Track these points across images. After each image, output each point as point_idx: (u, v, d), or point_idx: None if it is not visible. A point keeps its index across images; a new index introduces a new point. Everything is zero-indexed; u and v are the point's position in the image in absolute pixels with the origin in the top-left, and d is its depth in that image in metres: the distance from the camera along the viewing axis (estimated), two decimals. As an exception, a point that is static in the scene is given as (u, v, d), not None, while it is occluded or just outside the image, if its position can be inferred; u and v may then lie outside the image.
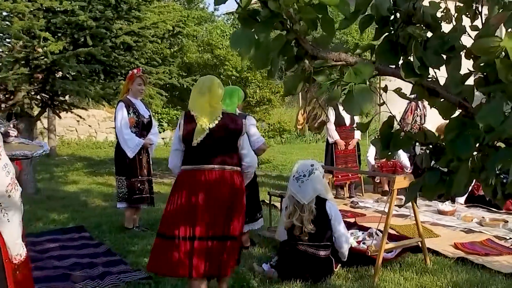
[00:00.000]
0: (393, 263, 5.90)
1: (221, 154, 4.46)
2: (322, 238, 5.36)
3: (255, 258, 6.15)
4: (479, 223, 7.77)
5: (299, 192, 5.33)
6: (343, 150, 9.85)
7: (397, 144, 1.89)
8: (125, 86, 7.45)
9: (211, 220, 4.36)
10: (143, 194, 7.43)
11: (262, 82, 11.38)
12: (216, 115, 4.43)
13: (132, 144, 7.21)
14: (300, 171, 5.45)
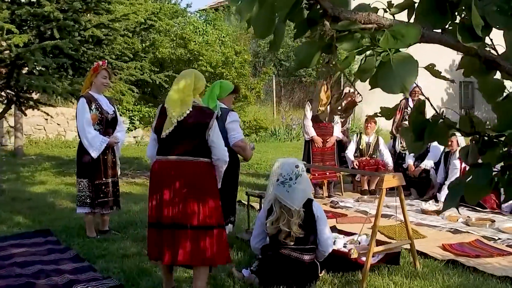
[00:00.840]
0: (381, 267, 5.56)
1: (188, 146, 4.58)
2: (307, 242, 5.00)
3: (234, 263, 5.77)
4: (465, 223, 7.51)
5: (288, 198, 4.92)
6: (321, 148, 9.53)
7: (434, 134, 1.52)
8: (88, 79, 6.90)
9: (174, 209, 4.52)
10: (107, 197, 6.92)
11: (237, 79, 11.01)
12: (186, 108, 4.55)
13: (96, 143, 6.71)
14: (285, 174, 5.03)
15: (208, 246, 4.54)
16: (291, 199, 4.92)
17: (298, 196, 4.95)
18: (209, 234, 4.55)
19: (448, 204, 1.70)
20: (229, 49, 11.37)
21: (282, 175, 5.03)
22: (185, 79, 4.63)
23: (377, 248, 5.25)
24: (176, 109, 4.55)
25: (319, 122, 9.51)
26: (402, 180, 5.37)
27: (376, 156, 10.26)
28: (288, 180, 4.98)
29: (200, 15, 24.38)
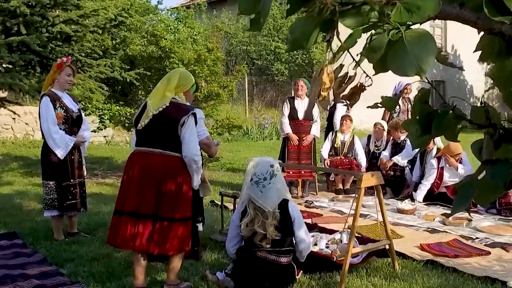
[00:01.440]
0: (359, 268, 5.43)
1: (161, 139, 4.73)
2: (284, 244, 4.83)
3: (208, 266, 5.59)
4: (442, 222, 7.42)
5: (262, 199, 4.74)
6: (297, 146, 9.38)
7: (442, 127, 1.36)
8: (51, 76, 6.58)
9: (141, 199, 4.67)
10: (75, 199, 6.68)
11: (210, 76, 10.80)
12: (164, 103, 4.73)
13: (63, 143, 6.45)
14: (259, 174, 4.84)
15: (169, 238, 4.68)
16: (264, 200, 4.74)
17: (272, 196, 4.77)
18: (171, 226, 4.69)
19: (458, 207, 1.53)
20: (201, 46, 11.15)
21: (256, 175, 4.85)
22: (170, 76, 4.87)
23: (355, 249, 5.10)
24: (154, 103, 4.73)
25: (295, 120, 9.38)
26: (381, 179, 5.24)
27: (351, 155, 10.13)
28: (262, 180, 4.80)
29: (172, 13, 24.13)
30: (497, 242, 6.41)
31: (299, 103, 9.43)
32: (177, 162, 4.74)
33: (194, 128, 4.76)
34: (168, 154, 4.72)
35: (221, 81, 11.08)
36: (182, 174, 4.75)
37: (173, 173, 4.73)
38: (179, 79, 4.84)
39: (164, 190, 4.68)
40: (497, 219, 7.68)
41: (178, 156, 4.74)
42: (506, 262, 5.71)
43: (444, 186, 8.82)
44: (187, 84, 4.93)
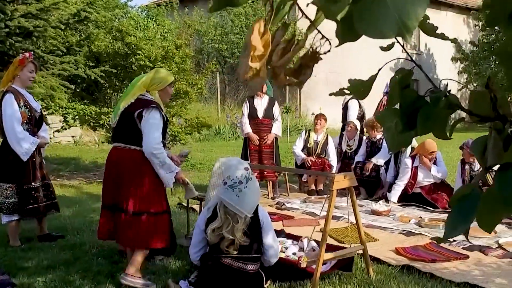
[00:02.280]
0: (332, 275, 5.13)
1: (124, 133, 4.86)
2: (251, 250, 4.50)
3: (170, 273, 5.25)
4: (418, 224, 7.16)
5: (239, 204, 4.39)
6: (258, 146, 9.06)
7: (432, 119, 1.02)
8: (11, 72, 6.15)
9: (110, 192, 4.92)
10: (38, 203, 6.27)
11: (178, 74, 10.42)
12: (129, 100, 4.82)
13: (27, 145, 6.05)
14: (234, 178, 4.49)
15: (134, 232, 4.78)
16: (241, 205, 4.39)
17: (249, 201, 4.44)
18: (137, 220, 4.77)
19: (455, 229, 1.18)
20: (169, 42, 10.79)
21: (231, 178, 4.49)
22: (146, 75, 5.05)
23: (327, 255, 4.80)
24: (124, 99, 4.88)
25: (255, 119, 9.08)
26: (354, 181, 4.95)
27: (324, 155, 9.85)
28: (238, 184, 4.45)
29: (142, 10, 23.68)
30: (475, 245, 6.14)
31: (258, 102, 9.14)
32: (140, 156, 4.77)
33: (155, 122, 4.74)
34: (131, 148, 4.82)
35: (190, 78, 10.72)
36: (146, 168, 4.80)
37: (137, 167, 4.80)
38: (152, 78, 4.87)
39: (128, 183, 4.77)
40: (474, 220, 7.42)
41: (137, 149, 4.79)
42: (485, 266, 5.45)
43: (418, 187, 8.57)
44: (162, 83, 4.91)
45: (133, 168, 4.79)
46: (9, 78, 6.16)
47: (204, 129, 11.42)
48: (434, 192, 8.48)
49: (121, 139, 4.90)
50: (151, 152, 4.71)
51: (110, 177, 4.93)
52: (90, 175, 11.88)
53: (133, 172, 4.79)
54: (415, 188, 8.56)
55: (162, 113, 4.82)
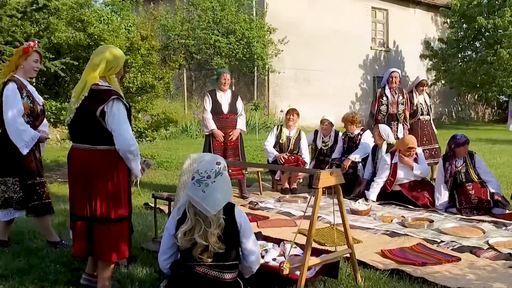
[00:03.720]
0: (317, 282, 4.66)
1: (87, 133, 4.30)
2: (228, 257, 4.00)
3: (137, 282, 4.73)
4: (402, 224, 6.76)
5: (204, 201, 3.89)
6: (223, 142, 8.53)
7: None
8: (13, 62, 5.70)
9: (80, 200, 4.33)
10: (43, 200, 5.83)
11: (144, 67, 9.88)
12: (83, 93, 4.24)
13: (28, 138, 5.58)
14: (203, 172, 3.99)
15: (101, 239, 4.30)
16: (206, 202, 3.89)
17: (216, 198, 3.93)
18: (104, 227, 4.31)
19: None
20: (134, 33, 10.24)
21: (199, 172, 3.99)
22: (95, 59, 4.30)
23: (312, 261, 4.33)
24: (76, 94, 4.30)
25: (219, 114, 8.54)
26: (341, 178, 4.49)
27: (297, 152, 9.41)
28: (206, 178, 3.95)
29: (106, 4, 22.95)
30: (465, 246, 5.76)
31: (222, 96, 8.59)
32: (108, 156, 4.30)
33: (122, 116, 4.26)
34: (99, 148, 4.29)
35: (157, 72, 10.16)
36: (114, 169, 4.33)
37: (108, 169, 4.31)
38: (109, 61, 4.28)
39: (95, 188, 4.27)
40: (458, 219, 7.07)
41: (109, 148, 4.29)
42: (479, 269, 5.04)
43: (398, 184, 8.17)
44: (120, 64, 4.41)
45: (105, 171, 4.29)
46: (12, 68, 5.70)
47: (171, 126, 10.85)
48: (415, 189, 8.09)
49: (85, 139, 4.33)
50: (128, 150, 4.30)
51: (78, 183, 4.36)
52: (51, 174, 11.23)
53: (105, 174, 4.29)
54: (394, 186, 8.15)
55: (123, 101, 4.32)
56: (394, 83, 9.52)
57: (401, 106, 9.52)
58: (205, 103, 8.64)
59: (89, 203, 4.30)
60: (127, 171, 4.42)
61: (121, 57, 4.43)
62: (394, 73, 9.66)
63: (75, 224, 4.39)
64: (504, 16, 24.61)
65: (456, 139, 7.72)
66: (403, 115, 9.56)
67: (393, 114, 9.49)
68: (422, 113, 9.84)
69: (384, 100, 9.54)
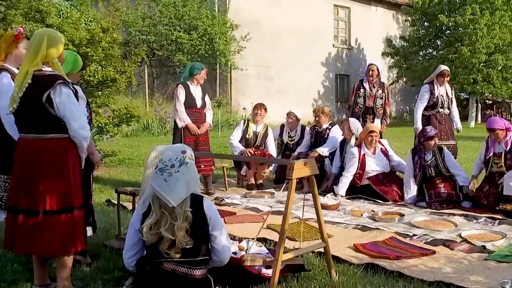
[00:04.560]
0: (288, 278, 4.47)
1: (33, 122, 4.06)
2: (198, 252, 3.78)
3: (100, 280, 4.48)
4: (372, 218, 6.62)
5: (166, 190, 3.67)
6: (194, 137, 8.27)
7: None
8: (3, 49, 5.20)
9: (23, 192, 4.07)
10: None
11: (105, 60, 9.56)
12: (26, 80, 4.01)
13: None
14: (166, 160, 3.77)
15: (57, 233, 4.03)
16: (168, 192, 3.66)
17: (178, 188, 3.70)
18: (58, 220, 4.04)
19: None
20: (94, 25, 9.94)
21: (163, 161, 3.77)
22: (34, 45, 4.07)
23: (286, 256, 4.13)
24: (18, 83, 4.05)
25: (193, 108, 8.25)
26: (315, 169, 4.30)
27: (263, 147, 9.22)
28: (169, 167, 3.73)
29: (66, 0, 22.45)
30: (438, 239, 5.65)
31: (195, 90, 8.32)
32: (58, 145, 4.08)
33: (72, 101, 4.06)
34: (49, 137, 4.05)
35: (118, 65, 9.85)
36: (65, 158, 4.10)
37: (59, 158, 4.07)
38: (48, 45, 4.05)
39: (43, 179, 4.01)
40: (428, 212, 6.97)
41: (59, 136, 4.07)
42: (454, 262, 4.92)
43: (366, 178, 8.05)
44: (60, 45, 4.14)
45: (55, 160, 4.04)
46: (1, 57, 5.27)
47: (133, 122, 10.54)
48: (383, 183, 7.97)
49: (32, 128, 4.08)
50: (84, 137, 4.13)
51: (24, 175, 4.10)
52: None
53: (54, 164, 4.04)
54: (363, 180, 8.03)
55: (70, 86, 4.08)
56: (371, 76, 9.34)
57: (379, 100, 9.31)
58: (179, 94, 8.21)
59: (39, 195, 4.02)
60: (78, 160, 4.21)
61: (60, 38, 4.19)
62: (371, 66, 9.48)
63: (16, 218, 4.07)
64: (465, 14, 24.86)
65: (426, 133, 7.64)
66: (381, 110, 9.36)
67: (369, 107, 9.30)
68: (442, 105, 8.93)
69: (361, 93, 9.37)
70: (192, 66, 8.43)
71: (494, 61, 24.91)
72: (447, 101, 8.98)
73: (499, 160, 7.19)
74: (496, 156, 7.25)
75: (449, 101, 9.02)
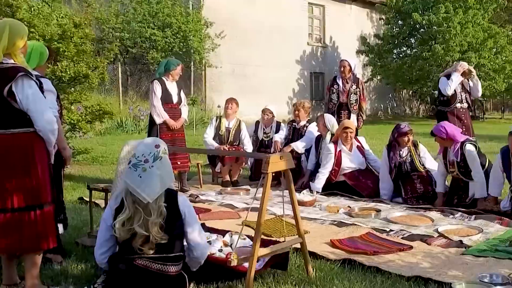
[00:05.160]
0: (265, 274, 4.39)
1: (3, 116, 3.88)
2: (172, 248, 3.68)
3: (71, 278, 4.36)
4: (348, 214, 6.56)
5: (141, 186, 3.57)
6: (171, 134, 8.15)
7: None
8: None
9: None
10: None
11: (77, 56, 9.38)
12: None
13: None
14: (140, 155, 3.67)
15: (28, 231, 3.91)
16: (143, 188, 3.57)
17: (153, 184, 3.61)
18: (28, 217, 3.91)
19: None
20: (66, 20, 9.74)
21: (136, 156, 3.67)
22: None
23: (262, 251, 4.05)
24: None
25: (169, 103, 8.13)
26: (291, 163, 4.22)
27: (238, 143, 9.13)
28: (143, 162, 3.64)
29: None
30: (415, 235, 5.62)
31: (171, 85, 8.20)
32: (24, 140, 3.92)
33: (36, 93, 3.91)
34: (14, 132, 3.89)
35: (91, 61, 9.67)
36: (32, 152, 3.95)
37: (21, 154, 3.92)
38: (10, 36, 3.86)
39: (10, 176, 3.87)
40: (404, 208, 6.93)
41: (24, 131, 3.91)
42: (432, 257, 4.88)
43: (342, 174, 8.00)
44: (23, 37, 3.96)
45: (21, 155, 3.91)
46: None
47: (106, 118, 10.35)
48: (358, 179, 7.94)
49: None
50: (51, 130, 3.98)
51: None
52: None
53: (21, 160, 3.91)
54: (339, 176, 7.98)
55: (33, 78, 3.94)
56: (343, 72, 9.28)
57: (353, 96, 9.24)
58: (156, 90, 8.06)
59: (5, 192, 3.88)
60: (47, 155, 4.07)
61: (24, 29, 4.03)
62: (342, 62, 9.42)
63: None
64: (439, 13, 25.03)
65: (400, 129, 7.61)
66: (356, 106, 9.29)
67: (343, 103, 9.23)
68: (461, 101, 8.60)
69: (335, 89, 9.31)
70: (168, 62, 8.31)
71: (468, 59, 25.07)
72: (465, 96, 8.64)
73: (453, 169, 7.08)
74: (450, 164, 7.12)
75: (466, 96, 8.65)
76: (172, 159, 8.25)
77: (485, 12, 26.57)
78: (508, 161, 6.48)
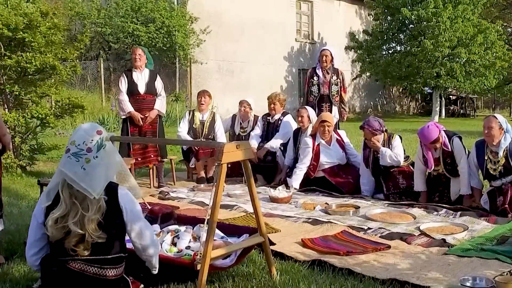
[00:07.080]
0: (223, 277, 3.94)
1: None
2: (110, 249, 3.22)
3: (9, 282, 3.90)
4: (325, 211, 6.12)
5: (86, 180, 3.11)
6: (139, 127, 7.73)
7: None
8: None
9: None
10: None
11: (45, 47, 8.88)
12: None
13: None
14: (80, 143, 3.20)
15: None
16: (88, 182, 3.11)
17: (100, 177, 3.16)
18: None
19: None
20: (32, 9, 9.26)
21: (76, 144, 3.21)
22: None
23: (215, 252, 3.58)
24: None
25: (135, 95, 7.77)
26: (249, 153, 3.76)
27: (213, 137, 8.67)
28: (85, 151, 3.17)
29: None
30: (394, 233, 5.19)
31: (138, 76, 7.82)
32: None
33: None
34: None
35: (59, 52, 9.17)
36: None
37: None
38: None
39: None
40: (386, 205, 6.50)
41: None
42: (411, 257, 4.45)
43: (321, 170, 7.55)
44: None
45: None
46: None
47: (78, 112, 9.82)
48: (339, 175, 7.50)
49: None
50: None
51: None
52: None
53: None
54: (317, 172, 7.53)
55: None
56: (325, 62, 8.85)
57: (334, 87, 8.82)
58: (120, 84, 7.90)
59: None
60: None
61: None
62: (324, 51, 9.03)
63: None
64: (428, 8, 24.63)
65: (368, 122, 7.17)
66: (338, 97, 8.87)
67: (324, 95, 8.79)
68: None
69: (315, 80, 8.88)
70: None
71: (457, 55, 24.71)
72: None
73: (438, 167, 6.62)
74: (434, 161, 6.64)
75: None
76: (145, 153, 7.89)
77: (475, 7, 26.17)
78: (483, 154, 6.12)
